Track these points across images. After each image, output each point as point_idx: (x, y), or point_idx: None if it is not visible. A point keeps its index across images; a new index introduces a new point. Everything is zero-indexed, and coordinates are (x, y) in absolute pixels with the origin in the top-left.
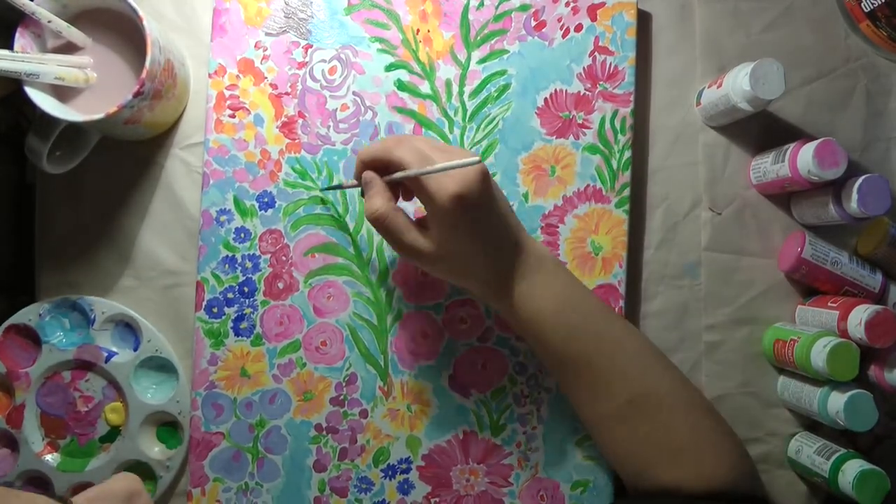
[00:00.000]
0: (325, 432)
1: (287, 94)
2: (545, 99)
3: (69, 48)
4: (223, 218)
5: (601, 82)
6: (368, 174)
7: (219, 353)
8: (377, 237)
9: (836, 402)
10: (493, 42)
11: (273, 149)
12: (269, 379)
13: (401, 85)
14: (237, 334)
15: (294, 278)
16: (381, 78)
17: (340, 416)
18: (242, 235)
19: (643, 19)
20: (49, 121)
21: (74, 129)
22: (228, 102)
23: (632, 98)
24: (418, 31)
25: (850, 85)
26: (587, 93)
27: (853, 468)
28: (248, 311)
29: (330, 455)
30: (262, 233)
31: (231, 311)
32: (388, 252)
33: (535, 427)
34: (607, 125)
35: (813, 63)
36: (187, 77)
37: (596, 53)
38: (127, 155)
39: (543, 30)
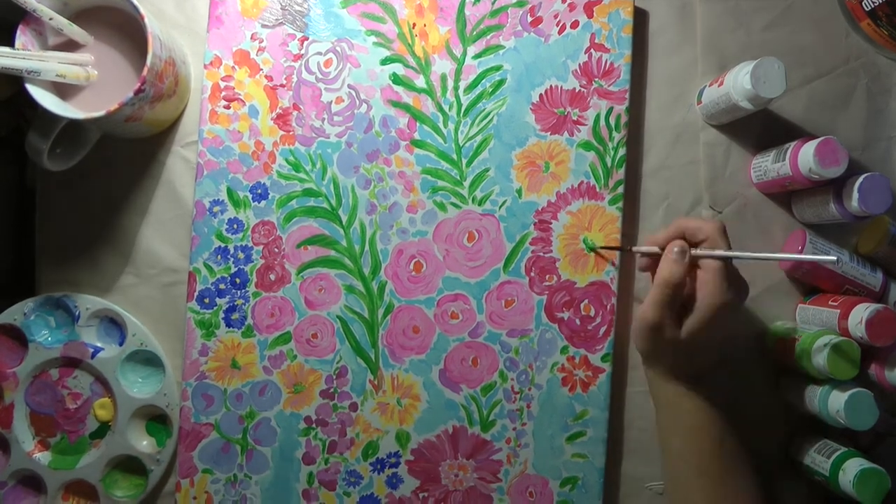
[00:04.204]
0: (314, 425)
1: (282, 86)
2: (540, 95)
3: (70, 46)
4: (216, 208)
5: (596, 79)
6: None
7: (209, 344)
8: (370, 230)
9: (837, 400)
10: (488, 37)
11: (267, 140)
12: (260, 370)
13: (396, 79)
14: (228, 325)
15: (286, 270)
16: (377, 71)
17: (330, 408)
18: (235, 226)
19: (640, 17)
20: (50, 118)
21: (75, 126)
22: (223, 93)
23: (627, 95)
24: (414, 25)
25: (851, 84)
26: (582, 89)
27: (854, 467)
28: (239, 302)
29: (319, 448)
30: (254, 224)
31: (223, 302)
32: (381, 245)
33: (525, 423)
34: (602, 122)
35: (814, 62)
36: (188, 75)
37: (592, 50)
38: (128, 153)
39: (539, 26)
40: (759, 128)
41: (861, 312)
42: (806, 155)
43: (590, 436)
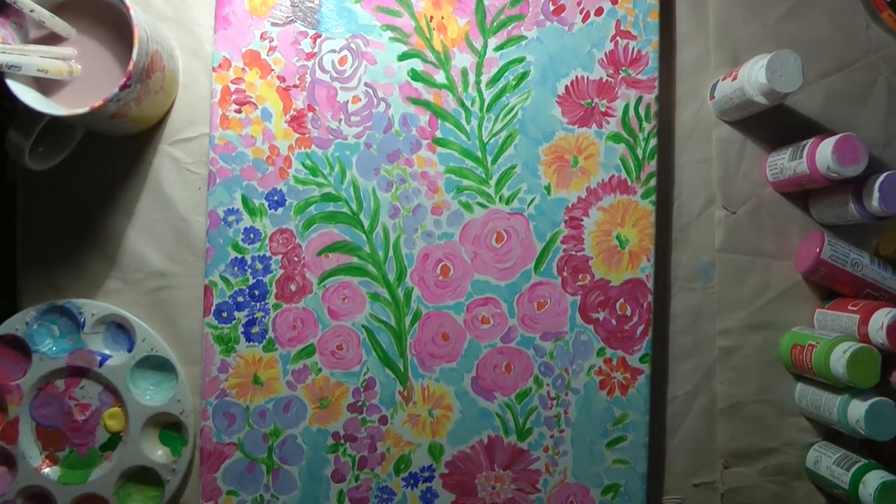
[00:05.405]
0: (342, 441)
1: (295, 86)
2: (566, 86)
3: (53, 39)
4: (231, 218)
5: (624, 68)
6: None
7: (229, 360)
8: (393, 234)
9: (857, 409)
10: (510, 28)
11: (282, 144)
12: (283, 386)
13: (415, 75)
14: (248, 340)
15: (307, 280)
16: (394, 68)
17: (359, 423)
18: (252, 236)
19: (665, 1)
20: (31, 115)
21: (58, 123)
22: (234, 97)
23: (656, 83)
24: (431, 17)
25: (871, 77)
26: (609, 79)
27: (874, 479)
28: (259, 315)
29: (349, 464)
30: (272, 233)
31: (241, 316)
32: (405, 249)
33: (563, 430)
34: (631, 112)
35: (832, 54)
36: (176, 69)
37: (618, 38)
38: (113, 151)
39: (562, 14)
40: (775, 124)
41: (882, 318)
42: (824, 152)
43: (630, 440)
